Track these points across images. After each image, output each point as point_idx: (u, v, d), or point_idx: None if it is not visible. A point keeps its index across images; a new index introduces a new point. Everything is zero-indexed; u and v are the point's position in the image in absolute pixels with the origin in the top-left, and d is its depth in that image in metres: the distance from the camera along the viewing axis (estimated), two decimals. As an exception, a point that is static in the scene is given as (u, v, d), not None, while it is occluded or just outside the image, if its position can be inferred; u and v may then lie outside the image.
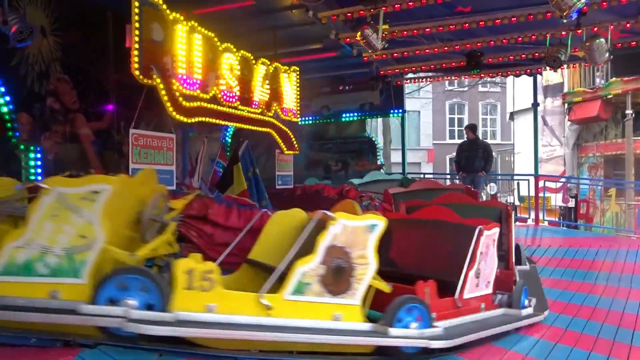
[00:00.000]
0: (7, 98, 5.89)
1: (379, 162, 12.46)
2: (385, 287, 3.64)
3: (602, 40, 7.37)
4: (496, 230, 4.44)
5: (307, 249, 3.40)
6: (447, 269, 4.09)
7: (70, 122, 7.03)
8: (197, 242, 4.23)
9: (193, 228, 4.28)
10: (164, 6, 5.82)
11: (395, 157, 18.81)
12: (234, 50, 7.15)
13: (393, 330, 3.44)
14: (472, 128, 10.87)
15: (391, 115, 12.42)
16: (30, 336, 3.06)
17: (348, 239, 3.43)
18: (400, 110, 11.90)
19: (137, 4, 5.42)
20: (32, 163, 6.09)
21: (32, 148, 6.09)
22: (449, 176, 21.35)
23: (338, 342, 3.33)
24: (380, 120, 18.09)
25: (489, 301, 4.39)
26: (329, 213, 3.46)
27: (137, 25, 5.44)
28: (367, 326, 3.48)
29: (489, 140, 21.75)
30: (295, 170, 9.17)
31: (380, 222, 3.57)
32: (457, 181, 12.21)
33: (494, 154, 11.16)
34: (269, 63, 8.04)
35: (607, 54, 7.55)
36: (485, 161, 10.26)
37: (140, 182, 3.85)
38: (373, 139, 12.87)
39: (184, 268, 3.03)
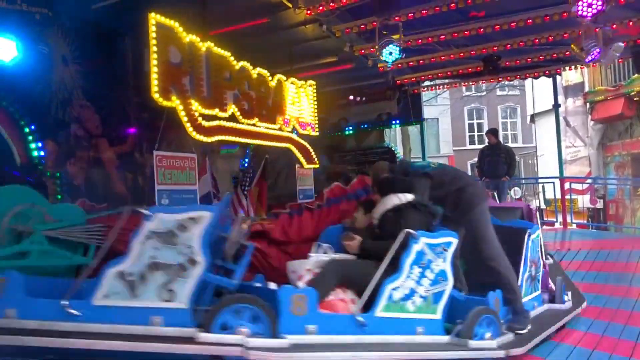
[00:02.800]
0: (33, 127, 6.03)
1: (399, 172, 12.37)
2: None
3: (620, 44, 7.35)
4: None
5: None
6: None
7: (94, 147, 7.18)
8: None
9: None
10: (180, 29, 5.92)
11: (416, 165, 18.67)
12: (251, 68, 7.23)
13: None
14: (493, 132, 10.73)
15: (410, 124, 12.36)
16: None
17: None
18: (419, 119, 11.85)
19: (154, 28, 5.53)
20: (58, 189, 6.22)
21: (58, 175, 6.21)
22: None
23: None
24: (399, 129, 17.99)
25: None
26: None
27: (154, 49, 5.54)
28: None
29: (510, 144, 21.48)
30: (315, 184, 9.18)
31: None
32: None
33: (516, 157, 10.99)
34: (285, 79, 8.10)
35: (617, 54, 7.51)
36: (508, 165, 10.10)
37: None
38: (392, 149, 12.80)
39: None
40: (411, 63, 9.59)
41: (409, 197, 3.77)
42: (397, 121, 12.05)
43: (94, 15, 6.94)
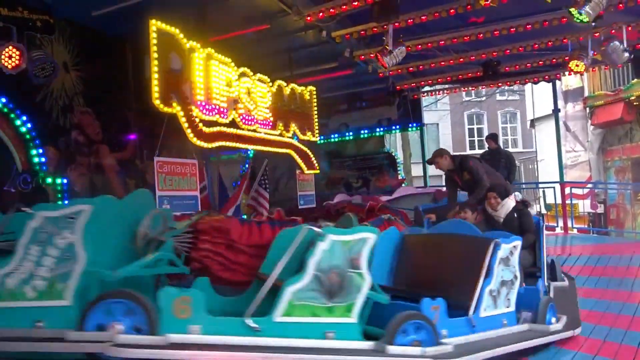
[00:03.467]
0: (34, 133, 6.05)
1: (399, 177, 12.39)
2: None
3: (617, 42, 7.28)
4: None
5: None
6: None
7: (94, 153, 7.20)
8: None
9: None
10: (181, 35, 5.94)
11: (416, 171, 18.68)
12: (251, 74, 7.25)
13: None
14: (493, 137, 10.72)
15: (410, 129, 12.39)
16: None
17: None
18: (419, 124, 11.87)
19: (154, 35, 5.56)
20: (59, 195, 6.22)
21: (58, 180, 6.22)
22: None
23: None
24: (399, 134, 18.03)
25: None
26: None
27: (155, 55, 5.56)
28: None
29: (510, 149, 21.48)
30: (316, 189, 9.18)
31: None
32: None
33: (516, 162, 10.99)
34: (285, 84, 8.12)
35: (626, 54, 7.42)
36: (508, 171, 10.09)
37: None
38: (393, 154, 12.83)
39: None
40: (411, 68, 9.62)
41: (518, 198, 5.10)
42: (397, 126, 12.07)
43: (94, 22, 6.98)
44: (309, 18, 7.09)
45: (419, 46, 8.22)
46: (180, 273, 3.75)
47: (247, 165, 9.64)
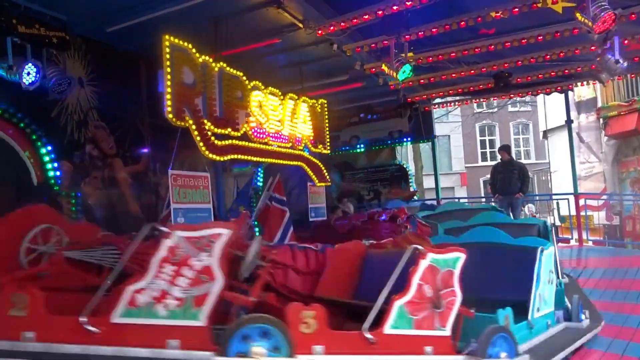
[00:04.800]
0: (49, 147, 6.13)
1: (411, 189, 12.35)
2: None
3: (609, 55, 7.18)
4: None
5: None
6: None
7: (108, 167, 7.27)
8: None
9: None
10: (194, 50, 6.01)
11: (428, 182, 18.60)
12: (262, 87, 7.30)
13: None
14: (506, 149, 10.68)
15: (421, 141, 12.36)
16: None
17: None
18: (430, 136, 11.85)
19: (168, 50, 5.62)
20: (73, 209, 6.28)
21: (72, 194, 6.29)
22: (484, 199, 20.87)
23: None
24: (410, 146, 18.00)
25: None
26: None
27: (168, 70, 5.62)
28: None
29: (523, 160, 21.32)
30: (327, 202, 9.18)
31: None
32: (494, 204, 11.96)
33: (529, 174, 10.91)
34: (296, 97, 8.17)
35: (618, 66, 7.29)
36: (521, 182, 10.03)
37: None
38: (404, 166, 12.80)
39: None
40: (422, 81, 9.64)
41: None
42: (409, 138, 12.06)
43: (109, 37, 7.10)
44: (320, 32, 7.15)
45: (430, 58, 8.23)
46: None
47: (258, 178, 9.67)
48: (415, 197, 12.24)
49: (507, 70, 9.04)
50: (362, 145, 12.06)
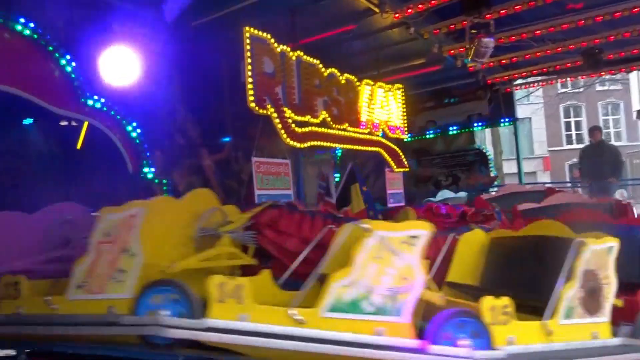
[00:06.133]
0: (143, 137, 6.54)
1: (491, 174, 11.96)
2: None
3: None
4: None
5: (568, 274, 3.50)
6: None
7: (195, 155, 7.66)
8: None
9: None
10: (272, 40, 6.18)
11: (507, 168, 17.91)
12: (339, 74, 7.36)
13: None
14: (597, 130, 10.06)
15: (501, 124, 11.91)
16: None
17: (595, 261, 3.57)
18: (511, 119, 11.40)
19: (248, 41, 5.83)
20: (165, 195, 6.68)
21: (164, 181, 6.69)
22: (569, 184, 19.81)
23: None
24: (488, 130, 17.39)
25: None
26: (582, 239, 3.55)
27: (249, 60, 5.84)
28: (617, 341, 3.58)
29: (613, 143, 19.96)
30: (405, 188, 9.13)
31: (616, 243, 3.63)
32: (580, 189, 11.35)
33: (622, 157, 10.23)
34: (372, 83, 8.16)
35: None
36: (613, 166, 9.42)
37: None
38: (484, 151, 12.39)
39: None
40: (503, 61, 9.27)
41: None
42: (488, 122, 11.66)
43: (193, 32, 7.42)
44: (396, 15, 7.08)
45: (513, 37, 7.90)
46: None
47: (336, 165, 9.79)
48: (496, 182, 11.84)
49: (598, 47, 8.49)
50: (439, 130, 11.82)
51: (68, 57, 5.65)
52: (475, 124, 11.54)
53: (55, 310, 3.48)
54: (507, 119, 11.36)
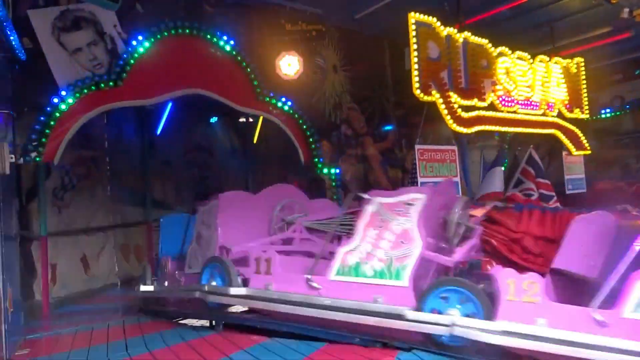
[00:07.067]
0: (312, 129, 6.92)
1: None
2: None
3: None
4: None
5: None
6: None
7: (360, 145, 7.90)
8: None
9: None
10: (438, 24, 6.02)
11: None
12: (509, 52, 6.91)
13: None
14: None
15: None
16: (354, 335, 3.41)
17: None
18: None
19: (413, 27, 5.76)
20: (333, 184, 7.00)
21: (333, 171, 7.00)
22: None
23: None
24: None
25: None
26: None
27: (414, 47, 5.77)
28: None
29: None
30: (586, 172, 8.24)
31: None
32: None
33: None
34: (547, 59, 7.50)
35: None
36: None
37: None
38: (687, 128, 10.60)
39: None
40: None
41: None
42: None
43: (357, 24, 7.60)
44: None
45: None
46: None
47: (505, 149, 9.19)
48: None
49: None
50: (627, 107, 10.41)
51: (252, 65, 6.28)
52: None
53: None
54: None
